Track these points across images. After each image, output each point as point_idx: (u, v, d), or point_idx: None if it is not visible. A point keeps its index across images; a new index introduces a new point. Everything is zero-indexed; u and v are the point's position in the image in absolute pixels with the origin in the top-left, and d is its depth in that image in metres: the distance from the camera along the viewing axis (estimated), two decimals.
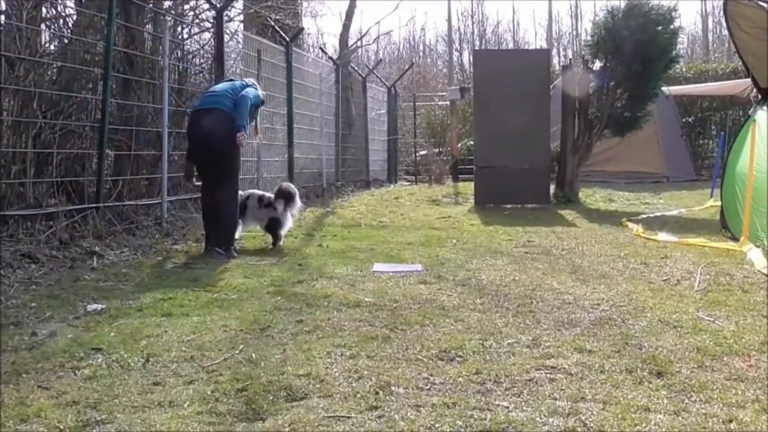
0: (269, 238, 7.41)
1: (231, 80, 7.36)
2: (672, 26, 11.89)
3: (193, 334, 4.12)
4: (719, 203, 8.64)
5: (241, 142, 6.71)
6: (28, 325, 4.36)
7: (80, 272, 5.90)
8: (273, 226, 7.32)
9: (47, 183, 6.97)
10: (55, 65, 7.68)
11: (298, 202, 7.46)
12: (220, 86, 7.16)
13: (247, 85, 7.09)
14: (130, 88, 8.30)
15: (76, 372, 3.49)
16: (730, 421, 2.82)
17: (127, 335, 4.10)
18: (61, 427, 2.84)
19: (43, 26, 7.69)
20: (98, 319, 4.50)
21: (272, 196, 7.37)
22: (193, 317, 4.51)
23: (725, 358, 3.58)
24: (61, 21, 8.21)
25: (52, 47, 8.05)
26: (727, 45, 31.35)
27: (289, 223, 7.46)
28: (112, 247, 6.84)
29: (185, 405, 3.06)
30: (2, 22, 7.00)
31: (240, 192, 7.18)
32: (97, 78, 7.76)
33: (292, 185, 7.63)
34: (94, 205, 7.28)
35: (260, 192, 7.67)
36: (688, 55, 35.56)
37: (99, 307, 4.76)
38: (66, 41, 7.93)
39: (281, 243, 7.36)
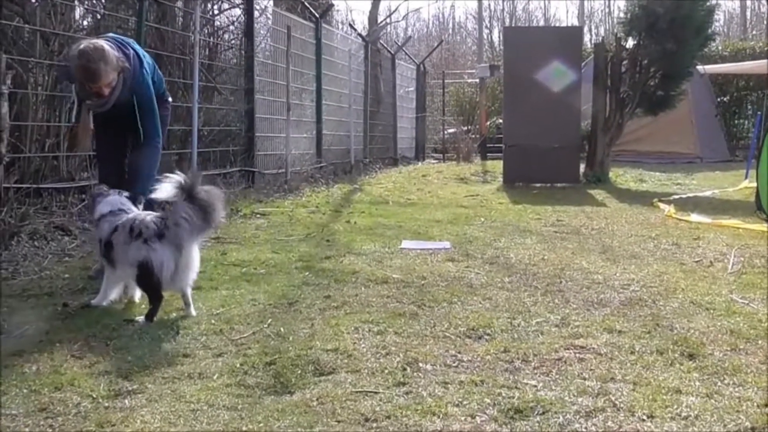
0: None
1: None
2: (708, 3, 11.66)
3: (222, 307, 4.15)
4: (754, 184, 8.49)
5: None
6: (62, 296, 4.43)
7: None
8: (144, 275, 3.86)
9: (80, 157, 7.04)
10: None
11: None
12: None
13: None
14: (161, 64, 8.30)
15: (108, 342, 3.54)
16: (765, 405, 2.77)
17: None
18: (94, 396, 2.88)
19: (76, 2, 7.74)
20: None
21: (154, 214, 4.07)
22: (222, 291, 4.54)
23: (760, 342, 3.52)
24: None
25: (85, 23, 8.10)
26: (765, 23, 30.71)
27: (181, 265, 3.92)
28: None
29: (214, 377, 3.08)
30: None
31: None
32: None
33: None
34: None
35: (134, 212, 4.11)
36: (725, 32, 34.85)
37: None
38: (99, 17, 7.97)
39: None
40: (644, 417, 2.68)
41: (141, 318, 3.84)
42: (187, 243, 3.87)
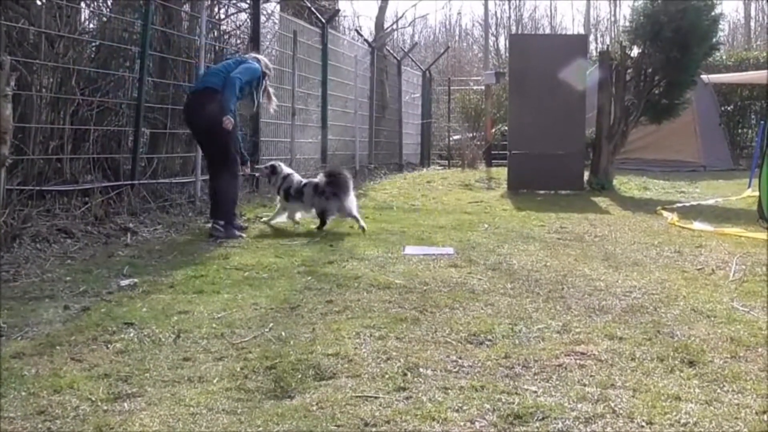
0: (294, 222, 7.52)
1: (231, 59, 7.29)
2: (713, 12, 11.65)
3: (224, 311, 4.15)
4: (757, 193, 8.48)
5: (227, 126, 6.41)
6: (63, 298, 4.44)
7: (114, 248, 5.98)
8: (323, 214, 7.25)
9: (84, 159, 7.07)
10: (93, 43, 7.76)
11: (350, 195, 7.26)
12: (216, 66, 7.19)
13: (243, 62, 6.82)
14: (167, 67, 8.36)
15: (109, 345, 3.55)
16: (764, 412, 2.76)
17: (159, 311, 4.15)
18: (93, 399, 2.89)
19: (82, 4, 7.78)
20: (131, 294, 4.56)
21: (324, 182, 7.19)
22: (223, 295, 4.55)
23: (760, 349, 3.51)
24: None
25: (90, 25, 8.14)
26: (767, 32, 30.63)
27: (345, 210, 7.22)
28: (145, 224, 6.93)
29: (214, 381, 3.08)
30: (43, 0, 7.08)
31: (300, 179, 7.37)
32: (135, 56, 7.83)
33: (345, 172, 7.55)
34: (129, 182, 7.37)
35: (316, 180, 7.46)
36: (729, 42, 34.74)
37: (132, 282, 4.82)
38: (105, 19, 8.00)
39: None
40: (643, 423, 2.67)
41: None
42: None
